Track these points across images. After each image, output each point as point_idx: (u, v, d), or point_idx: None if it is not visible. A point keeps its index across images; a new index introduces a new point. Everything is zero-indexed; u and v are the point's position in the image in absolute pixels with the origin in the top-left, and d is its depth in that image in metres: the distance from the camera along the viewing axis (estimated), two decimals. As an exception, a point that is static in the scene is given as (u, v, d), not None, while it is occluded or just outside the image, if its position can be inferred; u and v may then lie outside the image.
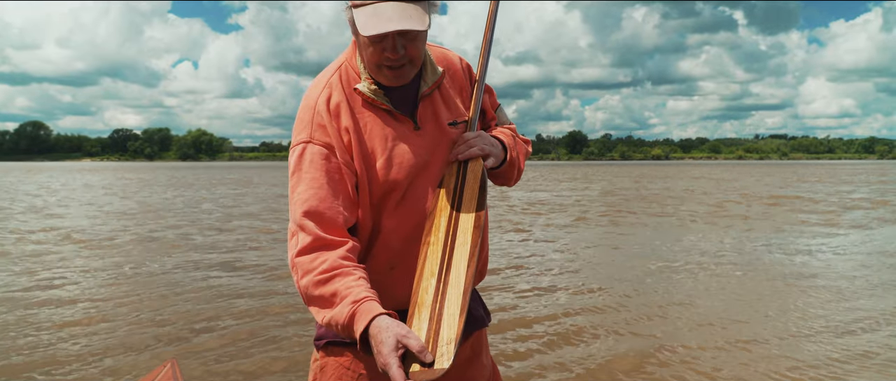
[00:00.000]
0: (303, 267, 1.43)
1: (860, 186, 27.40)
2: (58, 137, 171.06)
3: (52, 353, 4.64)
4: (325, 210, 1.46)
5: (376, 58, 1.48)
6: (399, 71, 1.50)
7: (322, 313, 1.41)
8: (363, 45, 1.48)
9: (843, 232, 11.39)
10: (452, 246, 1.47)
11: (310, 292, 1.42)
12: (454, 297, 1.38)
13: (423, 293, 1.41)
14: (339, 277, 1.39)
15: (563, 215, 15.21)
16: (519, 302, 6.13)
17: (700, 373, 4.20)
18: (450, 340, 1.31)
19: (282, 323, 5.42)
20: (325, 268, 1.40)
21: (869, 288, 6.64)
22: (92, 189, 28.53)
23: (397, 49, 1.45)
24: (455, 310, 1.36)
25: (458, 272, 1.42)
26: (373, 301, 1.36)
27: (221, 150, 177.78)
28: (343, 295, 1.37)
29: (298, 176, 1.50)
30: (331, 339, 1.59)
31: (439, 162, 1.59)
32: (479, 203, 1.52)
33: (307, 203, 1.47)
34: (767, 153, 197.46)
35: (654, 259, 8.55)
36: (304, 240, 1.45)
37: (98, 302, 6.21)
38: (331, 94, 1.55)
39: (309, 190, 1.47)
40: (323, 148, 1.50)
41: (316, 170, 1.49)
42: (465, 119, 1.65)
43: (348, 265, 1.41)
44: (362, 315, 1.33)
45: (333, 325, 1.39)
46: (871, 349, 4.60)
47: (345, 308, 1.36)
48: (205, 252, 9.41)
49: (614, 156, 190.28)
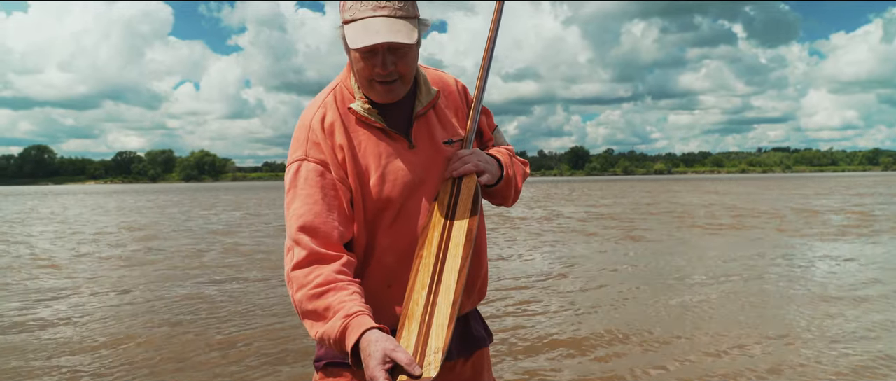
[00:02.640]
0: (298, 281, 1.45)
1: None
2: (62, 160, 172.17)
3: (45, 378, 4.60)
4: (320, 225, 1.48)
5: (367, 72, 1.50)
6: (390, 86, 1.52)
7: (315, 327, 1.43)
8: (354, 60, 1.51)
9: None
10: (444, 259, 1.48)
11: (304, 307, 1.44)
12: (443, 308, 1.39)
13: (413, 305, 1.43)
14: (333, 291, 1.41)
15: (574, 232, 15.15)
16: (524, 321, 6.07)
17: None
18: (437, 349, 1.32)
19: (284, 345, 5.38)
20: (319, 282, 1.42)
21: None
22: (107, 212, 28.51)
23: (387, 65, 1.48)
24: (444, 320, 1.37)
25: (449, 284, 1.43)
26: (365, 316, 1.37)
27: (224, 170, 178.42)
28: (336, 309, 1.38)
29: (294, 192, 1.53)
30: (330, 360, 1.59)
31: (434, 180, 1.60)
32: (472, 218, 1.52)
33: (302, 218, 1.49)
34: (770, 166, 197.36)
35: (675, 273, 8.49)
36: (299, 254, 1.47)
37: (94, 324, 6.17)
38: (325, 113, 1.58)
39: (304, 205, 1.50)
40: (318, 165, 1.53)
41: (311, 186, 1.51)
42: (461, 138, 1.65)
43: (343, 280, 1.43)
44: (353, 330, 1.35)
45: (326, 339, 1.40)
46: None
47: (337, 322, 1.37)
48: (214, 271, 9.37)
49: (617, 171, 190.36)
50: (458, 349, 1.64)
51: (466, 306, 1.67)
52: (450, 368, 1.62)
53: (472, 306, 1.69)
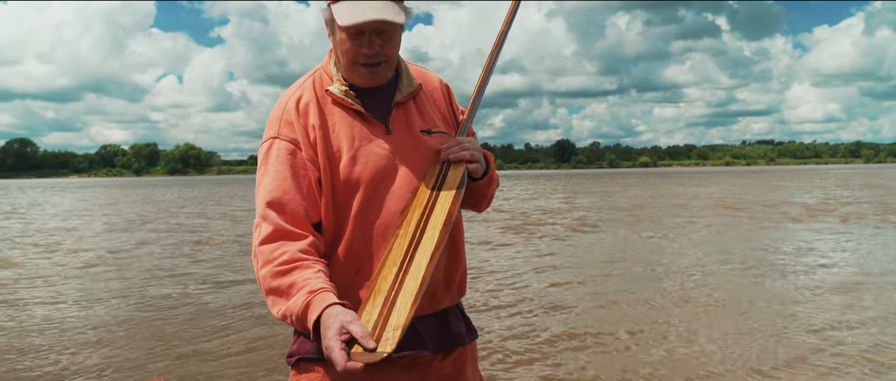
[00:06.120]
0: (263, 257, 1.46)
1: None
2: (45, 154, 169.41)
3: (37, 374, 4.59)
4: (287, 202, 1.49)
5: (352, 54, 1.52)
6: (374, 69, 1.55)
7: (278, 304, 1.43)
8: (340, 41, 1.53)
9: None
10: (419, 240, 1.48)
11: (268, 283, 1.44)
12: (411, 286, 1.39)
13: (381, 281, 1.43)
14: (299, 269, 1.42)
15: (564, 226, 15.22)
16: (508, 319, 6.13)
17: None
18: (397, 326, 1.32)
19: (274, 343, 5.40)
20: (284, 260, 1.43)
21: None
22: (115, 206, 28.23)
23: (373, 45, 1.50)
24: (409, 299, 1.37)
25: (420, 264, 1.43)
26: (328, 292, 1.38)
27: (210, 164, 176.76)
28: (300, 286, 1.39)
29: (264, 169, 1.55)
30: (301, 355, 1.59)
31: (408, 169, 1.59)
32: (454, 204, 1.52)
33: (271, 194, 1.50)
34: (755, 159, 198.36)
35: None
36: (266, 230, 1.48)
37: (87, 321, 6.16)
38: (302, 95, 1.60)
39: (273, 182, 1.51)
40: (289, 143, 1.55)
41: (281, 164, 1.53)
42: (440, 130, 1.66)
43: (308, 259, 1.44)
44: (316, 306, 1.35)
45: (289, 315, 1.41)
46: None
47: (300, 299, 1.37)
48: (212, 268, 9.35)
49: (603, 164, 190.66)
50: (436, 344, 1.62)
51: (445, 302, 1.65)
52: (427, 363, 1.61)
53: (451, 301, 1.67)
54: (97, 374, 4.50)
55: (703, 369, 4.39)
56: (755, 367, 4.37)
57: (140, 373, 4.50)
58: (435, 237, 1.46)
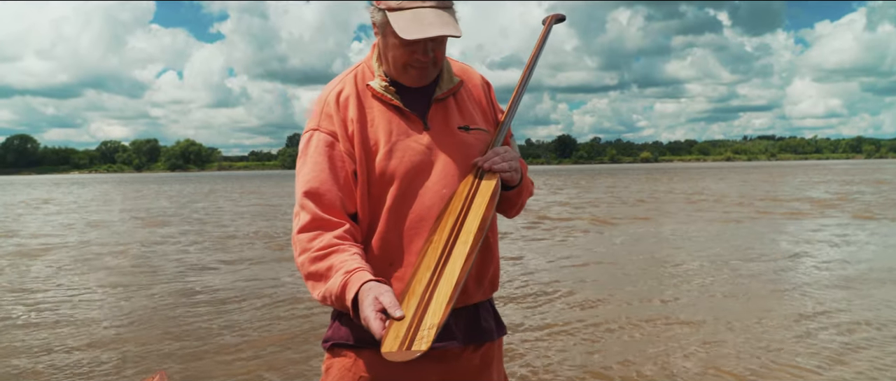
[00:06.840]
0: (301, 245, 1.53)
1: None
2: (45, 150, 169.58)
3: (41, 368, 4.58)
4: (325, 192, 1.54)
5: (406, 58, 1.56)
6: (424, 71, 1.59)
7: (318, 288, 1.49)
8: (392, 46, 1.56)
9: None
10: (454, 244, 1.50)
11: (307, 269, 1.51)
12: (445, 288, 1.41)
13: (416, 285, 1.45)
14: (335, 253, 1.48)
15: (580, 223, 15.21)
16: (536, 316, 6.11)
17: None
18: (432, 325, 1.34)
19: (279, 338, 5.38)
20: (321, 246, 1.49)
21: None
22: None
23: (428, 53, 1.55)
24: (443, 299, 1.38)
25: (454, 267, 1.45)
26: (364, 271, 1.43)
27: (211, 160, 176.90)
28: (337, 268, 1.45)
29: (304, 160, 1.60)
30: (336, 341, 1.63)
31: (444, 165, 1.61)
32: (488, 209, 1.53)
33: (309, 184, 1.56)
34: (756, 154, 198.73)
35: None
36: (304, 218, 1.54)
37: (87, 317, 6.14)
38: (343, 88, 1.64)
39: (311, 172, 1.57)
40: (328, 136, 1.59)
41: (319, 155, 1.58)
42: (477, 126, 1.68)
43: (344, 243, 1.50)
44: (353, 284, 1.40)
45: (328, 296, 1.47)
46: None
47: (338, 279, 1.43)
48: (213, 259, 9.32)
49: (604, 160, 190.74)
50: (466, 337, 1.64)
51: (476, 296, 1.67)
52: (457, 354, 1.64)
53: (482, 296, 1.69)
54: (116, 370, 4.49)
55: (744, 365, 4.36)
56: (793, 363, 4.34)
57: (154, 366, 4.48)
58: (469, 242, 1.48)
